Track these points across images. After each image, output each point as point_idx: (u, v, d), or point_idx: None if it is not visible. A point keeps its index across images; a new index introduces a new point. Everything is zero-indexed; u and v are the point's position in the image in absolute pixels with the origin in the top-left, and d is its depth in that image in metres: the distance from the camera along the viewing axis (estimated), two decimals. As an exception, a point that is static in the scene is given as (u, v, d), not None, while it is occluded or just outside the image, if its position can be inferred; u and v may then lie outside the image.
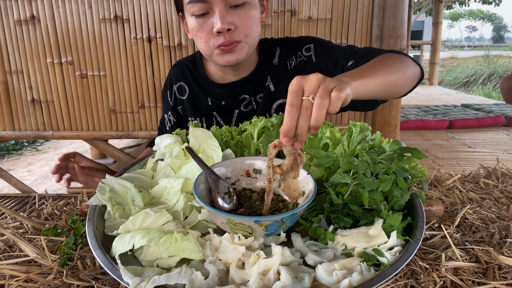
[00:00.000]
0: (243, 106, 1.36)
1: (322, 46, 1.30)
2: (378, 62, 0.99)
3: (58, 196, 2.51)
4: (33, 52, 2.62)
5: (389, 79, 0.95)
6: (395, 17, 2.38)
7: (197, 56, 1.42)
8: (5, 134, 2.83)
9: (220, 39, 1.13)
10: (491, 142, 4.58)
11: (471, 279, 0.69)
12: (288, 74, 1.33)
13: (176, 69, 1.45)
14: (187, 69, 1.42)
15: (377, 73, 0.91)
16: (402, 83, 1.01)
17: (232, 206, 0.83)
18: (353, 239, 0.73)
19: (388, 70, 0.95)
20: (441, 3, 9.54)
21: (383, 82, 0.93)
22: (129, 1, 2.51)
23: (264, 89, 1.34)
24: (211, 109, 1.39)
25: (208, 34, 1.14)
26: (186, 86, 1.43)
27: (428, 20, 26.23)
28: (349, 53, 1.20)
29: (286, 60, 1.33)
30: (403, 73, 1.00)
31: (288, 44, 1.35)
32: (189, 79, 1.42)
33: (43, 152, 6.97)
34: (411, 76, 1.04)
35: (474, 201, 1.05)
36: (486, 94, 10.84)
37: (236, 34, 1.14)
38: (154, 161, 1.00)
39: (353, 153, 0.93)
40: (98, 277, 0.73)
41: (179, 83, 1.44)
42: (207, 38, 1.15)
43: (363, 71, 0.91)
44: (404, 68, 1.01)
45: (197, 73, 1.41)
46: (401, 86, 1.02)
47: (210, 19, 1.13)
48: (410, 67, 1.04)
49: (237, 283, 0.65)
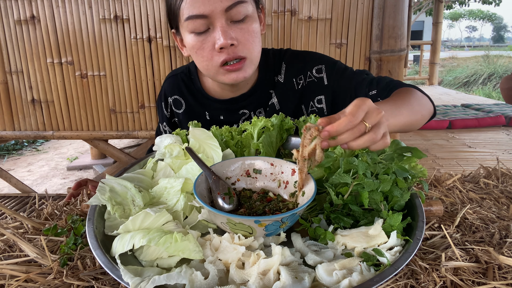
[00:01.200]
0: (242, 120, 1.33)
1: (334, 68, 1.27)
2: (402, 102, 1.01)
3: (58, 196, 2.51)
4: (33, 52, 2.63)
5: (409, 120, 0.99)
6: (395, 17, 2.38)
7: (192, 68, 1.37)
8: (5, 134, 2.84)
9: (223, 55, 1.08)
10: (491, 142, 4.58)
11: (471, 279, 0.69)
12: (295, 94, 1.30)
13: (171, 82, 1.40)
14: (182, 82, 1.37)
15: (401, 115, 0.96)
16: (417, 124, 1.06)
17: (232, 207, 0.83)
18: (353, 239, 0.73)
19: (410, 112, 0.99)
20: (441, 3, 9.54)
21: (405, 123, 0.97)
22: (129, 1, 2.51)
23: (268, 106, 1.31)
24: (209, 123, 1.34)
25: (210, 51, 1.09)
26: (182, 100, 1.38)
27: (428, 20, 26.23)
28: (369, 81, 1.20)
29: (293, 78, 1.30)
30: (422, 115, 1.05)
31: (294, 61, 1.31)
32: (185, 93, 1.36)
33: (43, 152, 6.97)
34: (427, 116, 1.09)
35: (474, 201, 1.05)
36: (486, 94, 10.85)
37: (239, 49, 1.09)
38: (154, 161, 1.00)
39: (353, 153, 0.93)
40: (98, 277, 0.73)
41: (174, 96, 1.38)
42: (209, 55, 1.10)
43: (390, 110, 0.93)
44: (423, 109, 1.06)
45: (193, 86, 1.36)
46: (416, 126, 1.06)
47: (211, 35, 1.08)
48: (427, 108, 1.09)
49: (237, 283, 0.65)
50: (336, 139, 0.73)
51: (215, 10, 1.04)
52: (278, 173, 0.91)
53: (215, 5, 1.03)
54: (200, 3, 1.04)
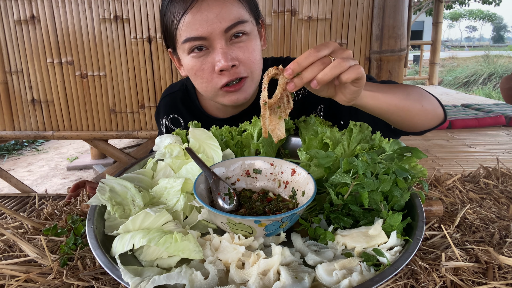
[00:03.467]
0: None
1: None
2: (398, 87, 0.98)
3: (58, 196, 2.51)
4: (33, 52, 2.63)
5: (403, 104, 0.95)
6: (395, 17, 2.38)
7: (189, 86, 1.33)
8: (5, 134, 2.84)
9: (224, 77, 1.04)
10: (491, 142, 4.58)
11: (471, 279, 0.69)
12: (296, 104, 1.26)
13: (167, 101, 1.36)
14: (180, 101, 1.33)
15: (393, 95, 0.92)
16: (417, 114, 1.00)
17: (232, 207, 0.83)
18: (353, 239, 0.73)
19: (406, 97, 0.96)
20: (441, 3, 9.54)
21: (397, 104, 0.93)
22: (129, 1, 2.51)
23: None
24: None
25: (210, 73, 1.04)
26: (180, 119, 1.34)
27: (428, 20, 26.22)
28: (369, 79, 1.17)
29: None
30: (421, 106, 1.00)
31: None
32: (184, 112, 1.33)
33: (43, 152, 6.97)
34: (430, 111, 1.03)
35: (474, 201, 1.05)
36: (486, 94, 10.85)
37: (240, 69, 1.04)
38: (154, 161, 1.00)
39: (353, 153, 0.93)
40: (98, 277, 0.73)
41: (172, 115, 1.35)
42: (209, 77, 1.05)
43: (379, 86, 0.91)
44: (424, 102, 1.01)
45: (192, 105, 1.32)
46: (417, 117, 1.00)
47: (210, 56, 1.03)
48: (431, 104, 1.03)
49: (237, 283, 0.65)
50: (301, 75, 0.71)
51: (214, 31, 0.99)
52: (278, 173, 0.91)
53: (213, 26, 0.98)
54: (198, 25, 0.99)
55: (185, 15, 0.99)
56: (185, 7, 0.99)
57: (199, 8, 0.98)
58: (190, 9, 0.98)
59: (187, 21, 0.99)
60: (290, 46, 2.54)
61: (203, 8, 0.98)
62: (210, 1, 0.98)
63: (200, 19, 0.98)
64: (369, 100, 0.88)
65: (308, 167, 0.91)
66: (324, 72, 0.71)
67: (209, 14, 0.98)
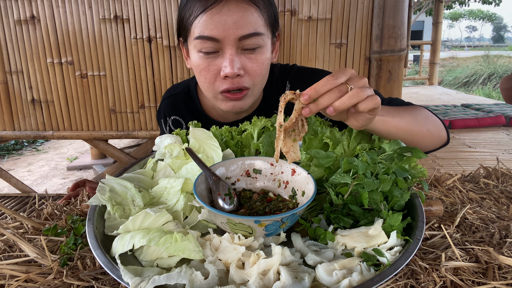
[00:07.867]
0: None
1: None
2: (407, 110, 0.99)
3: (58, 196, 2.51)
4: (33, 52, 2.63)
5: (411, 128, 0.96)
6: (395, 17, 2.38)
7: (192, 88, 1.33)
8: (5, 134, 2.84)
9: (226, 84, 1.05)
10: (491, 142, 4.58)
11: (471, 279, 0.69)
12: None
13: (169, 102, 1.36)
14: (182, 103, 1.33)
15: (401, 118, 0.93)
16: (423, 138, 1.01)
17: (232, 207, 0.83)
18: (353, 239, 0.73)
19: (413, 121, 0.97)
20: (441, 3, 9.54)
21: (405, 128, 0.94)
22: (129, 1, 2.51)
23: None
24: None
25: (214, 76, 1.05)
26: (182, 120, 1.34)
27: (428, 20, 26.23)
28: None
29: None
30: (427, 130, 1.01)
31: (299, 79, 1.27)
32: (185, 114, 1.33)
33: (43, 152, 6.97)
34: (435, 135, 1.04)
35: (474, 201, 1.05)
36: (486, 94, 10.85)
37: (244, 79, 1.05)
38: (154, 161, 1.00)
39: (353, 153, 0.93)
40: (98, 277, 0.73)
41: (173, 117, 1.35)
42: (212, 79, 1.06)
43: (389, 110, 0.91)
44: (430, 125, 1.02)
45: (194, 108, 1.32)
46: (422, 140, 1.01)
47: (218, 59, 1.03)
48: (436, 127, 1.05)
49: (237, 283, 0.65)
50: (318, 102, 0.71)
51: (228, 36, 0.99)
52: (278, 173, 0.91)
53: (229, 31, 0.98)
54: (214, 26, 0.98)
55: (204, 13, 0.99)
56: (206, 5, 0.99)
57: (220, 10, 0.98)
58: (211, 8, 0.98)
59: (205, 19, 0.99)
60: (290, 46, 2.54)
61: (223, 11, 0.98)
62: (232, 5, 0.98)
63: (217, 21, 0.98)
64: (379, 124, 0.89)
65: (308, 167, 0.91)
66: (342, 100, 0.71)
67: (228, 18, 0.98)
